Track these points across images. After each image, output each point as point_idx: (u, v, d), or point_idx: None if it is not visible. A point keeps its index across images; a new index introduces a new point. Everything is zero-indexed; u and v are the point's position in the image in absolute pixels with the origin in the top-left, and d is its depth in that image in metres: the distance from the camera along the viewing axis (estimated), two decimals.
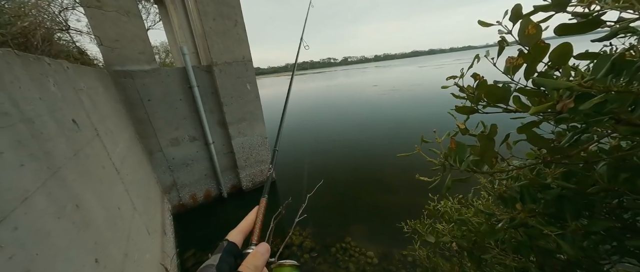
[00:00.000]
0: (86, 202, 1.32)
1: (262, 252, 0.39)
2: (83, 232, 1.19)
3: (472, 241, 1.12)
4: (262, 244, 0.41)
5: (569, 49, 0.52)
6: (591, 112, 0.40)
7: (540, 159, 0.66)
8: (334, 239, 3.30)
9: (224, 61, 4.09)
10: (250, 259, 0.37)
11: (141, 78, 3.58)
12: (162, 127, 3.93)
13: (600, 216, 0.60)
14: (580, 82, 0.37)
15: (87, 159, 1.57)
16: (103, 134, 2.05)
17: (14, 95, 1.04)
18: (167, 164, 4.14)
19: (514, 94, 0.59)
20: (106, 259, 1.32)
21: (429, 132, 6.09)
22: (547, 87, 0.40)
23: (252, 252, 0.39)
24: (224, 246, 0.39)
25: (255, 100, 4.65)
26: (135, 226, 2.06)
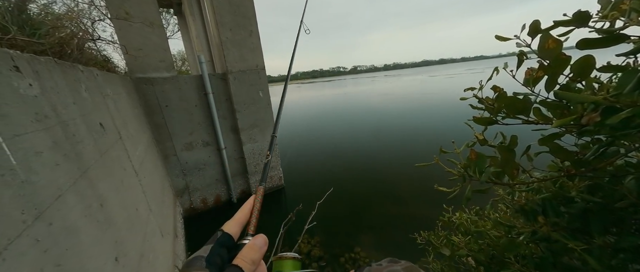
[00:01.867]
0: (109, 201, 1.38)
1: (259, 245, 0.35)
2: (106, 230, 1.24)
3: (490, 255, 1.09)
4: (260, 236, 0.37)
5: (592, 62, 0.52)
6: (618, 125, 0.40)
7: (563, 171, 0.65)
8: (343, 249, 3.25)
9: (238, 69, 4.23)
10: (246, 251, 0.34)
11: (160, 85, 3.75)
12: (178, 132, 4.07)
13: (629, 232, 0.58)
14: (606, 96, 0.38)
15: (111, 161, 1.65)
16: (125, 137, 2.15)
17: (53, 100, 1.13)
18: (180, 168, 4.26)
19: (534, 106, 0.60)
20: (125, 258, 1.37)
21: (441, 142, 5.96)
22: (572, 101, 0.41)
23: (248, 244, 0.35)
24: (217, 237, 0.36)
25: (267, 107, 4.75)
26: (151, 227, 2.12)
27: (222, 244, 0.35)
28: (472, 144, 0.72)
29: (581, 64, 0.53)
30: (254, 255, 0.34)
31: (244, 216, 0.41)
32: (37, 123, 0.96)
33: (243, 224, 0.40)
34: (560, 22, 0.51)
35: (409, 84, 33.19)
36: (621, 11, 0.42)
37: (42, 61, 1.15)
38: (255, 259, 0.34)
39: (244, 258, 0.33)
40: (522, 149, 0.73)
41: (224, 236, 0.37)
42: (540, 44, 0.52)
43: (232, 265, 0.32)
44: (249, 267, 0.32)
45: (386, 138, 8.16)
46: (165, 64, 3.72)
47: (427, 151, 6.58)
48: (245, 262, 0.32)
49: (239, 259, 0.33)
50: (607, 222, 0.59)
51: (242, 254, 0.33)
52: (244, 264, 0.32)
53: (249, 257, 0.33)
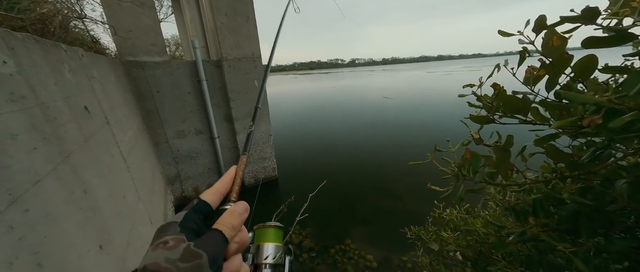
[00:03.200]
0: (94, 188, 1.34)
1: (239, 211, 0.34)
2: (90, 218, 1.20)
3: (478, 251, 1.11)
4: (241, 203, 0.36)
5: (594, 62, 0.50)
6: (619, 129, 0.38)
7: (557, 173, 0.64)
8: (334, 241, 3.29)
9: (233, 57, 4.12)
10: (226, 216, 0.33)
11: (152, 69, 3.63)
12: (170, 119, 3.98)
13: (616, 235, 0.58)
14: (611, 98, 0.36)
15: (97, 146, 1.59)
16: (113, 123, 2.08)
17: (31, 80, 1.06)
18: (172, 156, 4.19)
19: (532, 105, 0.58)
20: (110, 246, 1.34)
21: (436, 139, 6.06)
22: (574, 101, 0.39)
23: (228, 210, 0.34)
24: (193, 204, 0.34)
25: (263, 97, 4.67)
26: (139, 215, 2.08)
27: (198, 211, 0.34)
28: (467, 142, 0.70)
29: (583, 64, 0.51)
30: (234, 220, 0.33)
31: (224, 185, 0.40)
32: (13, 103, 0.90)
33: (223, 193, 0.39)
34: (567, 18, 0.48)
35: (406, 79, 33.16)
36: (632, 8, 0.40)
37: (19, 37, 1.07)
38: (235, 224, 0.32)
39: (224, 223, 0.32)
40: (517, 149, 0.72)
41: (200, 203, 0.35)
42: (544, 40, 0.50)
43: (212, 229, 0.31)
44: (229, 232, 0.31)
45: (382, 133, 8.19)
46: (157, 48, 3.58)
47: (421, 148, 6.64)
48: (225, 227, 0.31)
49: (219, 224, 0.32)
50: (597, 224, 0.59)
51: (222, 219, 0.32)
52: (224, 228, 0.31)
53: (229, 222, 0.32)
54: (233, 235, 0.32)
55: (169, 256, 0.25)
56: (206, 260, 0.26)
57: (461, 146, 0.69)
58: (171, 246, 0.26)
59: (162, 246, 0.26)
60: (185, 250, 0.26)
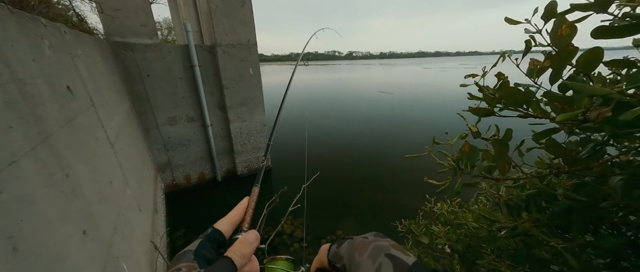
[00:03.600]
0: (77, 172, 1.28)
1: (250, 240, 0.36)
2: (72, 202, 1.15)
3: (467, 245, 1.12)
4: (252, 232, 0.38)
5: (599, 55, 0.49)
6: (624, 123, 0.37)
7: (553, 168, 0.64)
8: (325, 231, 3.32)
9: (228, 43, 3.99)
10: (238, 245, 0.35)
11: (141, 52, 3.48)
12: (160, 104, 3.86)
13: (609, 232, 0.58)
14: (623, 90, 0.34)
15: (81, 129, 1.52)
16: (99, 105, 1.99)
17: (5, 54, 0.98)
18: (162, 143, 4.09)
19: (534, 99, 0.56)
20: (95, 232, 1.30)
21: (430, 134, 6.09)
22: (583, 92, 0.37)
23: (240, 239, 0.36)
24: (206, 233, 0.37)
25: (257, 86, 4.58)
26: (127, 201, 2.03)
27: (212, 239, 0.36)
28: (464, 135, 0.69)
29: (588, 56, 0.49)
30: (244, 249, 0.34)
31: (237, 215, 0.42)
32: None
33: (235, 223, 0.41)
34: (578, 5, 0.46)
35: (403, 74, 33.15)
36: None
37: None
38: (245, 252, 0.34)
39: (235, 251, 0.33)
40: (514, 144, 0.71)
41: (214, 232, 0.37)
42: (553, 28, 0.47)
43: (223, 257, 0.32)
44: (240, 260, 0.32)
45: (377, 127, 8.21)
46: (147, 29, 3.43)
47: (415, 143, 6.70)
48: (235, 255, 0.33)
49: (230, 252, 0.33)
50: (589, 220, 0.59)
51: (233, 248, 0.34)
52: (234, 256, 0.32)
53: (239, 250, 0.34)
54: (243, 263, 0.33)
55: None
56: None
57: (459, 139, 0.67)
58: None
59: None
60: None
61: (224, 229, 0.38)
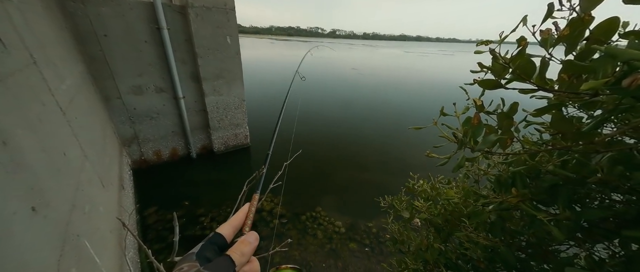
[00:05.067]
0: (17, 139, 1.08)
1: (250, 240, 0.39)
2: (13, 174, 0.97)
3: (446, 219, 1.18)
4: (251, 232, 0.41)
5: (616, 24, 0.47)
6: None
7: (547, 145, 0.64)
8: (305, 208, 3.37)
9: (201, 4, 3.55)
10: (238, 245, 0.37)
11: (95, 6, 2.97)
12: (122, 70, 3.42)
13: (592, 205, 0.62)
14: None
15: (19, 89, 1.26)
16: (42, 64, 1.67)
17: None
18: (127, 114, 3.70)
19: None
20: (46, 208, 1.13)
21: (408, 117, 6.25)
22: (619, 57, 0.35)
23: (240, 239, 0.39)
24: (209, 237, 0.38)
25: (235, 57, 4.24)
26: (86, 175, 1.82)
27: (213, 242, 0.37)
28: (465, 110, 0.66)
29: (606, 25, 0.47)
30: (244, 248, 0.37)
31: (238, 220, 0.43)
32: None
33: (237, 227, 0.42)
34: None
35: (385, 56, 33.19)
36: None
37: None
38: (245, 251, 0.36)
39: (235, 250, 0.36)
40: None
41: (215, 236, 0.39)
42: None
43: (223, 255, 0.35)
44: (239, 258, 0.35)
45: (357, 108, 8.25)
46: None
47: (394, 123, 6.88)
48: (234, 253, 0.35)
49: (230, 251, 0.36)
50: (574, 195, 0.61)
51: (235, 248, 0.36)
52: (233, 254, 0.35)
53: (239, 249, 0.36)
54: (243, 261, 0.35)
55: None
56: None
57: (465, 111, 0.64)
58: (185, 271, 0.31)
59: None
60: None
61: (225, 233, 0.40)
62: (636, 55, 0.33)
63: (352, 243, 2.87)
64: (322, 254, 2.72)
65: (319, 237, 2.93)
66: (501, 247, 0.86)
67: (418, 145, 5.40)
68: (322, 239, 2.90)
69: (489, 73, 0.63)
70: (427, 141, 5.31)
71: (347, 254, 2.73)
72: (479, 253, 0.98)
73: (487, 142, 0.54)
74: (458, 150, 0.60)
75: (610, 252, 0.69)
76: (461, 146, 0.59)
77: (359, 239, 2.93)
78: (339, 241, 2.88)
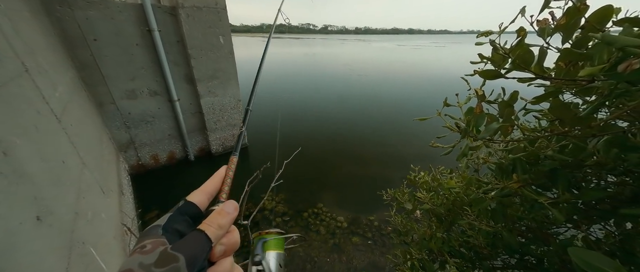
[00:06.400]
0: (17, 149, 1.06)
1: (228, 210, 0.32)
2: (17, 185, 0.96)
3: (448, 208, 1.21)
4: (230, 202, 0.34)
5: (611, 11, 0.49)
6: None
7: (546, 131, 0.67)
8: (307, 205, 3.39)
9: (192, 4, 3.50)
10: (213, 216, 0.31)
11: (83, 9, 2.90)
12: (114, 75, 3.36)
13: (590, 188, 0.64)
14: None
15: (14, 99, 1.24)
16: (34, 72, 1.64)
17: None
18: (121, 119, 3.65)
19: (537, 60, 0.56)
20: (51, 217, 1.13)
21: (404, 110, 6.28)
22: (615, 44, 0.36)
23: (216, 209, 0.33)
24: (178, 206, 0.32)
25: (229, 57, 4.20)
26: (86, 183, 1.80)
27: (184, 212, 0.31)
28: (467, 100, 0.68)
29: (601, 13, 0.49)
30: (221, 220, 0.31)
31: (213, 186, 0.37)
32: None
33: (211, 194, 0.36)
34: None
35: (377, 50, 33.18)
36: None
37: None
38: (222, 224, 0.30)
39: (210, 222, 0.30)
40: None
41: (186, 205, 0.33)
42: None
43: (195, 229, 0.29)
44: (214, 232, 0.29)
45: (353, 103, 8.27)
46: None
47: (389, 116, 6.93)
48: (210, 227, 0.29)
49: (204, 224, 0.30)
50: (572, 178, 0.64)
51: (209, 219, 0.30)
52: (208, 228, 0.29)
53: (215, 221, 0.30)
54: (219, 235, 0.29)
55: (144, 261, 0.23)
56: (183, 263, 0.24)
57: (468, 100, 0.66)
58: (147, 251, 0.25)
59: (138, 251, 0.25)
60: (162, 253, 0.24)
61: (198, 201, 0.33)
62: (631, 42, 0.35)
63: (355, 237, 2.91)
64: (326, 249, 2.75)
65: (322, 233, 2.96)
66: (503, 232, 0.89)
67: (417, 137, 5.46)
68: (325, 235, 2.93)
69: (488, 63, 0.65)
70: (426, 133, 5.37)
71: (351, 248, 2.77)
72: (482, 240, 1.01)
73: (490, 131, 0.56)
74: (461, 139, 0.62)
75: (605, 232, 0.73)
76: (464, 135, 0.61)
77: (362, 233, 2.97)
78: (342, 236, 2.92)
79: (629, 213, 0.51)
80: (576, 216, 0.76)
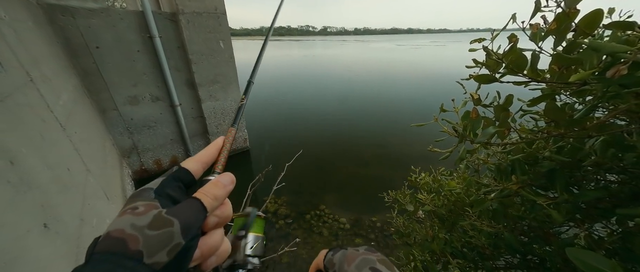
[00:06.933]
0: (24, 159, 1.09)
1: (225, 182, 0.31)
2: (24, 193, 0.99)
3: (450, 209, 1.21)
4: (227, 174, 0.33)
5: (600, 16, 0.50)
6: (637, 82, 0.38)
7: (542, 132, 0.68)
8: (309, 207, 3.40)
9: (192, 10, 3.54)
10: (209, 186, 0.30)
11: (85, 18, 2.94)
12: (116, 81, 3.40)
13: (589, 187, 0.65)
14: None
15: (20, 108, 1.27)
16: (39, 81, 1.67)
17: None
18: (124, 125, 3.68)
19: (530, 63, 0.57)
20: (57, 224, 1.15)
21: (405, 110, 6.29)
22: (602, 50, 0.37)
23: (213, 180, 0.31)
24: (172, 171, 0.31)
25: (229, 61, 4.23)
26: (91, 189, 1.82)
27: (177, 178, 0.30)
28: (463, 104, 0.69)
29: (589, 18, 0.50)
30: (217, 191, 0.29)
31: (209, 155, 0.36)
32: None
33: (206, 163, 0.35)
34: None
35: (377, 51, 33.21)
36: None
37: None
38: (218, 195, 0.29)
39: (206, 192, 0.29)
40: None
41: (180, 170, 0.31)
42: None
43: (191, 197, 0.28)
44: (210, 202, 0.28)
45: (354, 104, 8.28)
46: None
47: (390, 117, 6.93)
48: (206, 196, 0.28)
49: (200, 193, 0.28)
50: (570, 179, 0.65)
51: (204, 189, 0.29)
52: (204, 197, 0.28)
53: (211, 192, 0.29)
54: (214, 206, 0.28)
55: (136, 223, 0.22)
56: (178, 228, 0.23)
57: (463, 105, 0.67)
58: (140, 212, 0.23)
59: (129, 212, 0.23)
60: (156, 216, 0.23)
61: (192, 169, 0.32)
62: (617, 49, 0.36)
63: (358, 238, 2.91)
64: None
65: (325, 234, 2.96)
66: (504, 233, 0.90)
67: (417, 138, 5.46)
68: (328, 237, 2.94)
69: (483, 68, 0.66)
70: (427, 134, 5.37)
71: None
72: (484, 240, 1.01)
73: (486, 135, 0.57)
74: (459, 143, 0.63)
75: (608, 231, 0.73)
76: (461, 139, 0.62)
77: (365, 234, 2.97)
78: (345, 237, 2.92)
79: (625, 213, 0.51)
80: (579, 215, 0.77)
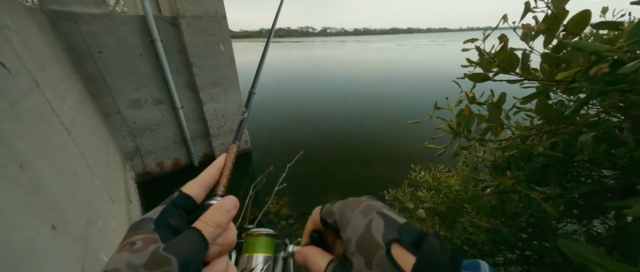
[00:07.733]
0: (33, 162, 1.12)
1: (227, 207, 0.29)
2: (34, 196, 1.02)
3: (449, 206, 1.23)
4: (229, 197, 0.31)
5: (588, 17, 0.52)
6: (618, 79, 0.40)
7: (535, 129, 0.70)
8: (311, 207, 3.40)
9: (193, 14, 3.58)
10: (211, 212, 0.28)
11: (88, 24, 2.99)
12: (119, 85, 3.44)
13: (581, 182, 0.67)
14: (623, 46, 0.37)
15: (28, 114, 1.30)
16: (44, 86, 1.70)
17: None
18: (127, 128, 3.72)
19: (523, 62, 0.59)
20: (65, 225, 1.18)
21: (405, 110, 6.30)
22: (585, 50, 0.40)
23: (215, 205, 0.29)
24: (172, 198, 0.30)
25: (230, 64, 4.27)
26: (96, 192, 1.86)
27: (178, 206, 0.29)
28: (458, 102, 0.71)
29: (578, 19, 0.52)
30: (219, 217, 0.28)
31: (210, 177, 0.34)
32: None
33: (208, 185, 0.34)
34: None
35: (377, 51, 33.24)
36: None
37: None
38: (220, 222, 0.27)
39: (207, 220, 0.27)
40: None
41: (181, 197, 0.30)
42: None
43: (190, 228, 0.26)
44: (211, 231, 0.26)
45: (354, 104, 8.31)
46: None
47: (390, 117, 6.94)
48: (207, 225, 0.26)
49: (200, 222, 0.27)
50: (563, 173, 0.67)
51: (205, 216, 0.28)
52: (204, 226, 0.26)
53: (212, 219, 0.27)
54: (216, 234, 0.27)
55: (133, 261, 0.21)
56: (176, 267, 0.22)
57: (457, 104, 0.69)
58: (138, 249, 0.22)
59: (127, 248, 0.23)
60: (152, 254, 0.22)
61: (193, 193, 0.31)
62: (598, 48, 0.38)
63: None
64: None
65: None
66: (502, 229, 0.91)
67: (417, 136, 5.47)
68: None
69: (478, 67, 0.68)
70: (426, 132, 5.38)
71: None
72: (483, 237, 1.03)
73: (479, 131, 0.59)
74: (453, 140, 0.65)
75: (606, 226, 0.75)
76: (456, 136, 0.64)
77: None
78: None
79: (615, 205, 0.53)
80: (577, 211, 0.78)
